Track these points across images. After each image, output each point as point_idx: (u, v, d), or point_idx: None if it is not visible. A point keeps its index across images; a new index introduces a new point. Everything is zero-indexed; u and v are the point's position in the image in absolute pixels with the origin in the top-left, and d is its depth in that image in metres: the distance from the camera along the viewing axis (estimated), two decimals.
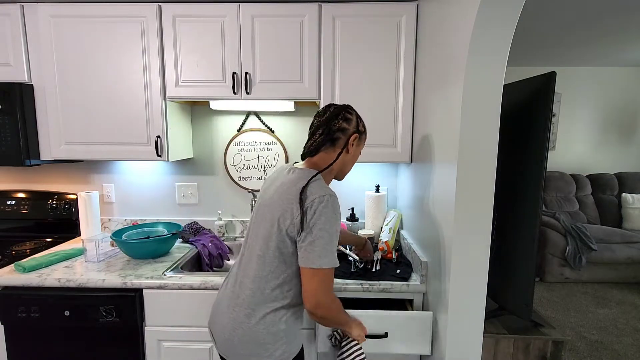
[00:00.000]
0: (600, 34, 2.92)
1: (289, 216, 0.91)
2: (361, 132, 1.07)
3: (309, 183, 0.94)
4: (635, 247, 3.32)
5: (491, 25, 0.93)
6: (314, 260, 0.89)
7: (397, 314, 1.25)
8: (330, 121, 1.02)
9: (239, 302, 0.97)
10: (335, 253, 0.93)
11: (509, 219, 1.46)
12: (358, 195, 1.93)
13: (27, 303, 1.33)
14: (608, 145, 4.17)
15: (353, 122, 1.04)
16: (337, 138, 1.02)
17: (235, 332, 0.95)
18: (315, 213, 0.89)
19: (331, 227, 0.90)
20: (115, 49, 1.51)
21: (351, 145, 1.04)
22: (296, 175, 0.99)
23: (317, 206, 0.89)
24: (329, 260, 0.91)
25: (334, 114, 1.03)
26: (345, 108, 1.05)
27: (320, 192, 0.91)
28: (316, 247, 0.89)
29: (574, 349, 2.35)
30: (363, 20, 1.49)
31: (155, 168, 1.91)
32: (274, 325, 0.95)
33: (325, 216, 0.89)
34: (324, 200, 0.90)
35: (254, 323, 0.94)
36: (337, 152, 1.03)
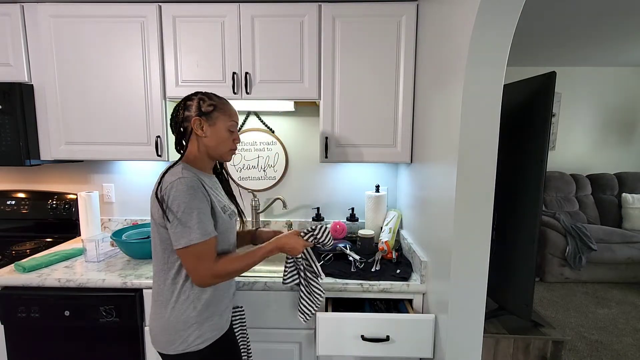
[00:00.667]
0: (600, 34, 2.92)
1: (156, 209, 0.96)
2: (207, 112, 1.03)
3: (164, 175, 0.97)
4: (635, 247, 3.32)
5: (491, 25, 0.93)
6: (179, 241, 0.93)
7: (398, 317, 1.24)
8: (175, 116, 1.05)
9: (153, 297, 1.04)
10: (204, 227, 0.94)
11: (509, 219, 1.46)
12: (358, 195, 1.93)
13: (27, 303, 1.33)
14: (608, 145, 4.17)
15: (193, 106, 1.03)
16: (186, 128, 1.04)
17: (154, 323, 1.02)
18: (168, 198, 0.93)
19: (186, 206, 0.92)
20: (115, 49, 1.51)
21: (198, 129, 1.02)
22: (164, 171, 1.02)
23: (168, 192, 0.93)
24: (194, 236, 0.93)
25: (175, 108, 1.05)
26: (186, 97, 1.06)
27: (170, 179, 0.95)
28: (177, 229, 0.93)
29: (574, 349, 2.35)
30: (363, 20, 1.49)
31: (155, 168, 1.91)
32: (184, 313, 0.99)
33: (177, 198, 0.92)
34: (173, 184, 0.93)
35: (166, 312, 0.99)
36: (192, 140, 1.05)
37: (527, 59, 3.69)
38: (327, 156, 1.57)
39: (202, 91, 1.08)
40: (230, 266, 1.00)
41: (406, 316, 1.25)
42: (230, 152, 1.10)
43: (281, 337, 1.38)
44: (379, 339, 1.23)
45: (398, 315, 1.25)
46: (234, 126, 1.09)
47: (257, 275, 1.40)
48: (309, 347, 1.38)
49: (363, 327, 1.24)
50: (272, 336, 1.38)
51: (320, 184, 1.94)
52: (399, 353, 1.25)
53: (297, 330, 1.37)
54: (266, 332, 1.37)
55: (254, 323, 1.36)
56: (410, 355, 1.25)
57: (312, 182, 1.94)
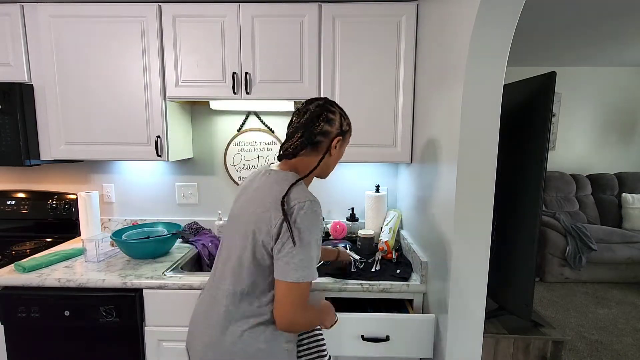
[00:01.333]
0: (600, 34, 2.92)
1: (265, 225, 0.83)
2: (345, 131, 0.98)
3: (290, 188, 0.85)
4: (635, 247, 3.32)
5: (491, 25, 0.93)
6: (290, 273, 0.81)
7: (398, 317, 1.24)
8: (311, 123, 0.92)
9: (213, 321, 0.88)
10: (314, 265, 0.84)
11: (509, 219, 1.46)
12: (358, 195, 1.93)
13: (27, 303, 1.33)
14: (608, 145, 4.17)
15: (336, 123, 0.95)
16: (319, 142, 0.93)
17: (210, 353, 0.86)
18: (294, 222, 0.81)
19: (311, 236, 0.82)
20: (115, 49, 1.51)
21: (334, 148, 0.96)
22: (272, 179, 0.91)
23: (297, 212, 0.81)
24: (307, 274, 0.82)
25: (315, 114, 0.93)
26: (327, 107, 0.95)
27: (299, 198, 0.84)
28: (294, 259, 0.81)
29: (574, 349, 2.35)
30: (363, 20, 1.49)
31: (155, 168, 1.91)
32: (252, 345, 0.85)
33: (304, 224, 0.81)
34: (304, 206, 0.82)
35: (230, 343, 0.85)
36: (318, 156, 0.95)
37: (527, 59, 3.69)
38: None
39: (333, 101, 0.99)
40: (313, 316, 0.91)
41: (406, 316, 1.24)
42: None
43: None
44: (378, 339, 1.23)
45: (398, 315, 1.24)
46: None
47: None
48: None
49: (363, 327, 1.24)
50: None
51: (320, 184, 1.94)
52: (398, 353, 1.24)
53: None
54: None
55: None
56: (410, 355, 1.25)
57: (312, 182, 1.93)
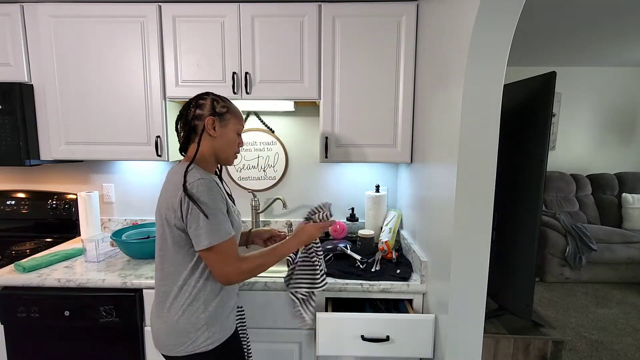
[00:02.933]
0: (600, 34, 2.92)
1: (172, 211, 0.95)
2: (220, 113, 1.04)
3: (185, 175, 0.96)
4: (635, 247, 3.32)
5: (491, 25, 0.93)
6: (203, 241, 0.93)
7: (398, 317, 1.24)
8: (185, 113, 1.04)
9: (157, 298, 1.03)
10: (224, 227, 0.95)
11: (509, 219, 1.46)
12: (358, 195, 1.93)
13: (27, 303, 1.33)
14: (608, 145, 4.17)
15: (207, 106, 1.03)
16: (195, 126, 1.03)
17: (160, 326, 1.01)
18: (190, 200, 0.92)
19: (208, 206, 0.93)
20: (115, 49, 1.51)
21: (211, 129, 1.03)
22: (172, 172, 1.02)
23: (191, 190, 0.93)
24: (218, 235, 0.93)
25: (186, 104, 1.05)
26: (198, 96, 1.05)
27: (190, 179, 0.94)
28: (201, 230, 0.92)
29: (574, 349, 2.35)
30: (363, 20, 1.49)
31: (155, 168, 1.91)
32: (194, 315, 0.98)
33: (200, 198, 0.92)
34: (195, 185, 0.93)
35: (173, 315, 0.99)
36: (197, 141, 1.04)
37: (527, 59, 3.69)
38: (327, 156, 1.57)
39: (211, 92, 1.08)
40: (254, 263, 1.01)
41: (406, 316, 1.25)
42: (234, 156, 1.12)
43: (281, 337, 1.37)
44: (379, 339, 1.23)
45: (398, 315, 1.25)
46: (241, 130, 1.12)
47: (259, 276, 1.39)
48: (309, 347, 1.38)
49: (363, 327, 1.24)
50: (272, 336, 1.38)
51: (320, 184, 1.94)
52: (399, 353, 1.25)
53: (297, 330, 1.37)
54: (266, 332, 1.37)
55: (254, 323, 1.36)
56: (410, 355, 1.25)
57: (312, 182, 1.94)
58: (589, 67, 4.03)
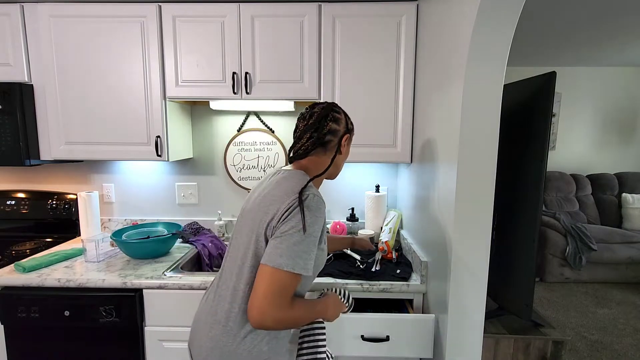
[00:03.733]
0: (601, 34, 2.92)
1: (269, 218, 0.83)
2: (351, 129, 1.04)
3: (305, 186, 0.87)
4: (635, 247, 3.32)
5: (491, 25, 0.93)
6: (274, 258, 0.78)
7: (398, 317, 1.24)
8: (318, 124, 0.96)
9: (217, 319, 0.86)
10: (306, 260, 0.80)
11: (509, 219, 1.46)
12: (358, 195, 1.93)
13: (27, 303, 1.33)
14: (608, 145, 4.17)
15: (342, 121, 1.00)
16: (329, 141, 0.97)
17: (213, 353, 0.84)
18: (293, 210, 0.81)
19: (307, 227, 0.80)
20: (115, 48, 1.51)
21: (343, 146, 1.01)
22: (281, 176, 0.92)
23: (299, 204, 0.82)
24: (293, 263, 0.78)
25: (322, 115, 0.97)
26: (332, 108, 0.99)
27: (307, 191, 0.85)
28: (281, 245, 0.79)
29: (574, 349, 2.35)
30: (363, 20, 1.49)
31: (155, 168, 1.91)
32: (255, 346, 0.84)
33: (303, 214, 0.81)
34: (307, 198, 0.83)
35: (234, 344, 0.83)
36: (329, 155, 0.99)
37: (527, 59, 3.69)
38: None
39: (334, 103, 1.03)
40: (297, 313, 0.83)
41: (406, 316, 1.24)
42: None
43: None
44: (379, 339, 1.23)
45: (398, 315, 1.24)
46: None
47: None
48: None
49: (363, 327, 1.24)
50: None
51: None
52: (399, 353, 1.24)
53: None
54: None
55: None
56: (410, 355, 1.25)
57: None
58: (589, 67, 4.03)
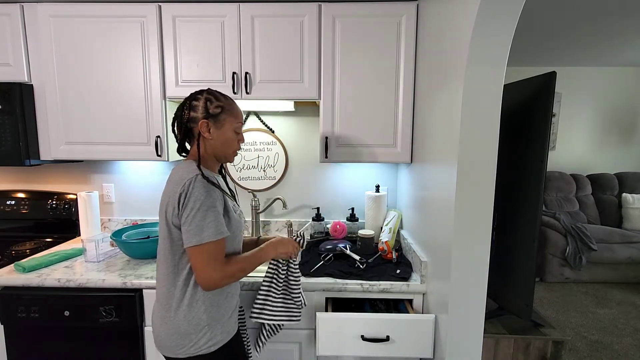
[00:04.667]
0: (600, 34, 2.92)
1: (171, 206, 0.94)
2: (214, 114, 1.01)
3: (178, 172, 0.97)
4: (635, 247, 3.32)
5: (491, 25, 0.93)
6: (191, 239, 0.91)
7: (398, 317, 1.24)
8: (180, 116, 1.02)
9: (159, 299, 1.02)
10: (217, 226, 0.93)
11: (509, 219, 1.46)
12: (358, 195, 1.93)
13: (27, 303, 1.33)
14: (608, 145, 4.17)
15: (200, 107, 1.00)
16: (191, 129, 1.02)
17: (161, 327, 0.99)
18: (186, 195, 0.91)
19: (202, 203, 0.91)
20: (115, 48, 1.51)
21: (205, 132, 1.00)
22: (175, 169, 1.01)
23: (187, 188, 0.92)
24: (207, 234, 0.91)
25: (180, 107, 1.03)
26: (191, 96, 1.02)
27: (188, 176, 0.94)
28: (191, 226, 0.91)
29: (574, 349, 2.35)
30: (363, 20, 1.49)
31: (155, 168, 1.91)
32: (194, 316, 0.97)
33: (194, 195, 0.91)
34: (191, 181, 0.92)
35: (174, 316, 0.97)
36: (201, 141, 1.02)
37: (527, 59, 3.69)
38: (327, 156, 1.57)
39: (207, 89, 1.05)
40: (238, 266, 0.98)
41: (406, 316, 1.25)
42: (234, 154, 1.10)
43: (281, 337, 1.37)
44: (379, 339, 1.23)
45: (398, 316, 1.25)
46: (240, 127, 1.08)
47: (256, 275, 1.40)
48: (309, 347, 1.38)
49: (363, 327, 1.24)
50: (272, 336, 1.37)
51: (320, 184, 1.94)
52: (399, 353, 1.25)
53: (297, 330, 1.37)
54: None
55: (253, 323, 1.36)
56: (410, 355, 1.25)
57: (312, 182, 1.94)
58: (589, 67, 4.02)
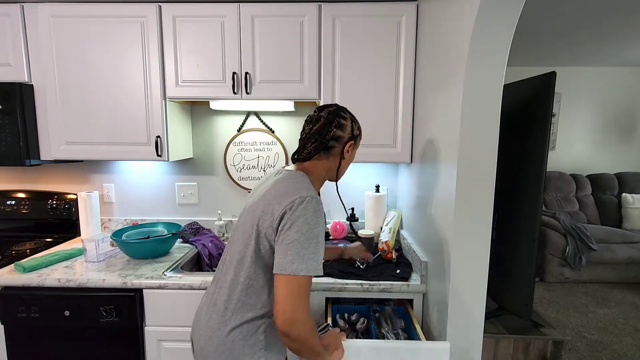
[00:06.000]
0: (600, 34, 2.92)
1: (269, 217, 0.85)
2: (356, 136, 1.02)
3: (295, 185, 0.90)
4: (635, 247, 3.32)
5: (491, 25, 0.93)
6: (286, 266, 0.80)
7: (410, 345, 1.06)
8: (323, 130, 0.97)
9: (216, 309, 0.91)
10: (317, 260, 0.83)
11: (509, 219, 1.46)
12: (358, 195, 1.93)
13: (27, 303, 1.33)
14: (608, 145, 4.17)
15: (347, 128, 0.99)
16: (332, 147, 0.98)
17: (210, 341, 0.88)
18: (294, 213, 0.82)
19: (310, 230, 0.82)
20: (116, 49, 1.51)
21: (346, 152, 1.01)
22: (281, 177, 0.94)
23: (297, 207, 0.83)
24: (306, 267, 0.80)
25: (327, 121, 0.98)
26: (338, 113, 0.99)
27: (302, 192, 0.85)
28: (290, 251, 0.80)
29: (574, 349, 2.35)
30: (363, 20, 1.49)
31: (155, 168, 1.91)
32: (252, 336, 0.88)
33: (304, 218, 0.82)
34: (305, 200, 0.84)
35: (229, 331, 0.87)
36: (332, 160, 1.00)
37: (527, 59, 3.69)
38: None
39: (338, 105, 1.02)
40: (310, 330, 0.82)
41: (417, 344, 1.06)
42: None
43: None
44: None
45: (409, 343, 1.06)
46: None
47: None
48: None
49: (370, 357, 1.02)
50: None
51: None
52: None
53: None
54: None
55: None
56: None
57: None
58: (589, 67, 4.03)
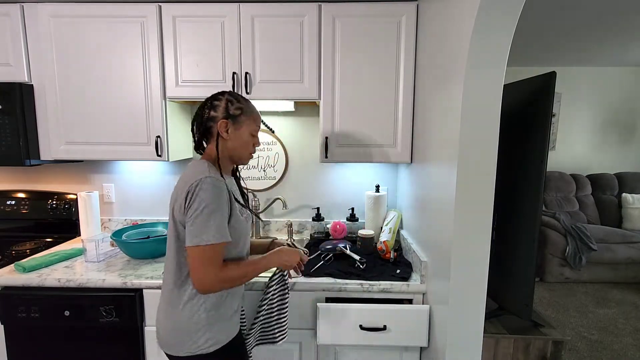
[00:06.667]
0: (601, 34, 2.92)
1: (178, 205, 0.95)
2: (234, 115, 1.03)
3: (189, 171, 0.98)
4: (635, 247, 3.32)
5: (491, 25, 0.93)
6: (191, 239, 0.91)
7: (395, 307, 1.30)
8: (200, 115, 1.03)
9: (163, 296, 1.03)
10: (220, 228, 0.92)
11: (509, 219, 1.46)
12: (358, 195, 1.93)
13: (27, 303, 1.33)
14: (608, 145, 4.17)
15: (220, 107, 1.02)
16: (209, 127, 1.03)
17: (164, 323, 1.00)
18: (193, 195, 0.91)
19: (207, 206, 0.91)
20: (115, 49, 1.51)
21: (224, 132, 1.02)
22: (188, 167, 1.02)
23: (194, 188, 0.92)
24: (208, 237, 0.90)
25: (201, 105, 1.04)
26: (213, 96, 1.05)
27: (197, 176, 0.93)
28: (192, 226, 0.91)
29: (574, 349, 2.35)
30: (363, 20, 1.49)
31: (155, 168, 1.91)
32: (194, 314, 0.98)
33: (201, 196, 0.91)
34: (200, 182, 0.92)
35: (176, 313, 0.98)
36: (213, 141, 1.04)
37: (527, 59, 3.69)
38: (327, 156, 1.57)
39: (230, 91, 1.07)
40: (235, 272, 0.97)
41: (403, 307, 1.30)
42: (249, 156, 1.11)
43: None
44: (376, 329, 1.28)
45: (395, 306, 1.30)
46: (257, 131, 1.09)
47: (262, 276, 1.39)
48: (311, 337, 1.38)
49: (362, 317, 1.29)
50: None
51: (320, 184, 1.94)
52: (395, 342, 1.30)
53: (297, 330, 1.37)
54: None
55: None
56: (406, 344, 1.30)
57: (312, 182, 1.94)
58: (589, 67, 4.03)
